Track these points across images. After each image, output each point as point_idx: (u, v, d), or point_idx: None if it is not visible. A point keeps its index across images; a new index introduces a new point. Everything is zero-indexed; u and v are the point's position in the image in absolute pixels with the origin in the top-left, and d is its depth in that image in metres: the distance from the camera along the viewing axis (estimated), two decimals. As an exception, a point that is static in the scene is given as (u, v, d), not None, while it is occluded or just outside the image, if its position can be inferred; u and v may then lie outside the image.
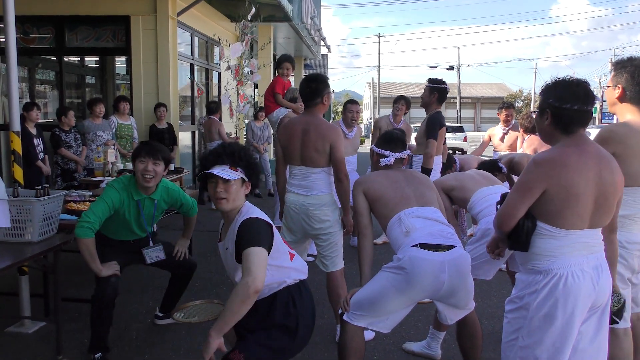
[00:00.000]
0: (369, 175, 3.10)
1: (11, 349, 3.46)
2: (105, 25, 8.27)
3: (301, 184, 3.53)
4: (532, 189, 2.16)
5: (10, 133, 3.74)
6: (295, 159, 3.56)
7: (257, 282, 2.17)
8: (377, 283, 2.71)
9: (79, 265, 5.12)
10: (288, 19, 10.94)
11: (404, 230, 2.67)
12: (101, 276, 3.24)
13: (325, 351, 3.52)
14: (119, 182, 3.42)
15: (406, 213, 2.75)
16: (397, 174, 3.00)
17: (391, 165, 3.06)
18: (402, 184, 2.92)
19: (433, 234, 2.65)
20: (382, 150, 3.08)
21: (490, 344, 3.64)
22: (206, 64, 10.40)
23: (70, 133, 6.65)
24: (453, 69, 46.54)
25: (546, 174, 2.13)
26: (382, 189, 2.90)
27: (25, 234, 3.26)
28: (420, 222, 2.69)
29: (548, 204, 2.15)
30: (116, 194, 3.34)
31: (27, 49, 8.35)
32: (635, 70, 2.64)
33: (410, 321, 3.93)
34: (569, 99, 2.15)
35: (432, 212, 2.81)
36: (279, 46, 14.63)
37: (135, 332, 3.74)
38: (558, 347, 2.16)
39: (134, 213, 3.44)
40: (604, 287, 2.19)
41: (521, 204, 2.19)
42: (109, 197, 3.31)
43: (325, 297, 4.48)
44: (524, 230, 2.19)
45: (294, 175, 3.59)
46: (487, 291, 4.62)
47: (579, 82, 2.21)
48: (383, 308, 2.68)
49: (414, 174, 3.10)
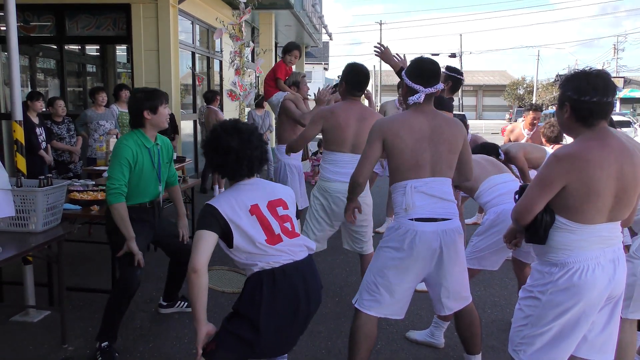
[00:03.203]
0: (393, 122, 2.73)
1: (16, 338, 3.48)
2: (106, 14, 8.23)
3: (350, 171, 3.22)
4: (552, 183, 2.13)
5: (13, 123, 3.73)
6: (345, 146, 3.58)
7: (194, 263, 2.19)
8: (377, 263, 2.75)
9: (83, 255, 5.15)
10: (289, 7, 10.88)
11: (403, 206, 2.65)
12: (131, 244, 3.15)
13: (328, 340, 3.53)
14: (128, 138, 3.26)
15: (413, 186, 2.64)
16: (424, 127, 2.66)
17: (420, 104, 2.72)
18: (424, 145, 2.65)
19: (432, 211, 2.65)
20: (412, 84, 2.70)
21: (493, 332, 3.65)
22: (207, 53, 10.35)
23: (62, 124, 6.51)
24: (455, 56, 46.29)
25: (567, 170, 2.09)
26: (401, 147, 2.65)
27: (29, 224, 3.26)
28: (422, 200, 2.64)
29: (568, 199, 2.12)
30: (128, 149, 3.20)
31: (27, 37, 8.32)
32: None
33: (413, 310, 3.94)
34: (587, 91, 2.10)
35: (441, 185, 2.68)
36: (281, 34, 14.56)
37: (139, 321, 3.75)
38: (565, 337, 2.17)
39: (149, 164, 3.32)
40: (620, 280, 2.19)
41: (540, 198, 2.16)
42: (122, 156, 3.17)
43: (328, 285, 4.50)
44: (542, 225, 2.18)
45: (340, 162, 3.59)
46: (490, 280, 4.63)
47: (598, 72, 2.15)
48: (386, 287, 2.69)
49: (442, 127, 2.70)
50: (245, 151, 2.34)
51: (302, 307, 2.35)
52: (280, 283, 2.29)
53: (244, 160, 2.35)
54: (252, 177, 2.45)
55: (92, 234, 5.75)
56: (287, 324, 2.33)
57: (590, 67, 2.23)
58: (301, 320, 2.39)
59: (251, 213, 2.32)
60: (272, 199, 2.41)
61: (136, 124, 3.31)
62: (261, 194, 2.40)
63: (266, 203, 2.38)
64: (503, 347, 3.35)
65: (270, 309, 2.27)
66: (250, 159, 2.37)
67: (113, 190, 3.14)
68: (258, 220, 2.33)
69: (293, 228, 2.44)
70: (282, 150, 5.15)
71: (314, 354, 3.35)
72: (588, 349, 2.26)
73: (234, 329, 2.31)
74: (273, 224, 2.35)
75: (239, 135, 2.35)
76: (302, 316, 2.38)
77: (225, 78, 9.63)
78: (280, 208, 2.42)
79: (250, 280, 2.33)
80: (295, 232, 2.43)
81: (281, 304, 2.29)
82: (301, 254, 2.41)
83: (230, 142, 2.33)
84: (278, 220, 2.38)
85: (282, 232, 2.37)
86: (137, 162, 3.24)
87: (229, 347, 2.30)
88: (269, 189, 2.46)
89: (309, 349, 3.40)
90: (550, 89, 41.26)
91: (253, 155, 2.37)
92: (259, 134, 2.45)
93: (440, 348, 3.43)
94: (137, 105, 3.26)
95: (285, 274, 2.31)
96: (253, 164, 2.39)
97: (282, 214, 2.41)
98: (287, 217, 2.43)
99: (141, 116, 3.25)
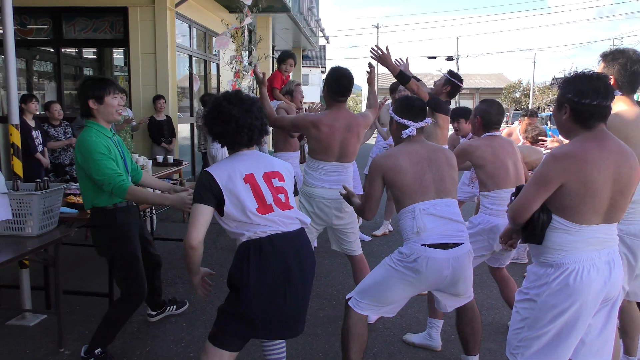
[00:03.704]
0: (389, 157, 2.81)
1: (13, 342, 3.47)
2: (103, 17, 8.23)
3: (334, 178, 3.56)
4: (549, 182, 2.14)
5: (9, 126, 3.72)
6: (332, 155, 3.56)
7: (190, 239, 2.23)
8: (383, 277, 2.74)
9: (79, 258, 5.14)
10: (287, 10, 10.89)
11: (415, 230, 2.65)
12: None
13: (325, 343, 3.53)
14: (88, 132, 3.01)
15: (421, 208, 2.66)
16: (420, 151, 2.78)
17: (413, 137, 2.85)
18: (424, 166, 2.74)
19: (443, 234, 2.66)
20: (404, 120, 2.85)
21: (491, 335, 3.66)
22: (204, 56, 10.36)
23: (59, 127, 6.56)
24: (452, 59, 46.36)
25: (564, 169, 2.11)
26: (402, 175, 2.72)
27: (26, 228, 3.25)
28: (432, 222, 2.65)
29: (564, 199, 2.14)
30: (97, 142, 2.96)
31: (24, 40, 8.31)
32: (627, 62, 2.67)
33: (410, 312, 3.95)
34: (589, 94, 2.11)
35: (448, 206, 2.72)
36: (278, 37, 14.57)
37: (136, 325, 3.74)
38: (562, 340, 2.17)
39: (118, 153, 3.13)
40: (616, 282, 2.19)
41: (537, 196, 2.18)
42: (96, 151, 2.93)
43: (325, 288, 4.51)
44: (539, 224, 2.19)
45: (325, 171, 3.58)
46: (487, 282, 4.64)
47: (599, 76, 2.17)
48: (388, 299, 2.73)
49: (437, 151, 2.85)
50: (245, 120, 2.35)
51: (295, 275, 2.33)
52: (268, 252, 2.29)
53: (244, 129, 2.36)
54: (251, 147, 2.47)
55: (88, 237, 5.74)
56: (280, 294, 2.30)
57: (590, 69, 2.24)
58: (298, 290, 2.35)
59: (245, 181, 2.33)
60: (268, 171, 2.41)
61: (85, 114, 3.11)
62: (257, 164, 2.41)
63: (262, 173, 2.38)
64: (501, 350, 3.36)
65: (259, 277, 2.27)
66: (251, 127, 2.37)
67: (116, 180, 2.93)
68: (251, 188, 2.33)
69: (287, 200, 2.42)
70: (279, 157, 5.16)
71: (311, 357, 3.35)
72: (586, 353, 2.26)
73: (228, 309, 2.35)
74: (266, 194, 2.35)
75: (241, 105, 2.36)
76: (297, 284, 2.34)
77: (223, 81, 9.63)
78: (276, 180, 2.41)
79: (239, 250, 2.36)
80: (289, 205, 2.42)
81: (270, 273, 2.29)
82: (292, 226, 2.39)
83: (231, 110, 2.34)
84: (272, 191, 2.37)
85: (274, 203, 2.36)
86: (111, 151, 3.03)
87: (228, 329, 2.35)
88: (266, 161, 2.46)
89: (306, 352, 3.40)
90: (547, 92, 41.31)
91: (253, 125, 2.37)
92: (259, 105, 2.46)
93: (438, 351, 3.43)
94: (82, 94, 3.05)
95: (272, 243, 2.31)
96: (253, 134, 2.40)
97: (277, 185, 2.41)
98: (282, 189, 2.42)
99: (87, 105, 3.04)
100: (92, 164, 2.93)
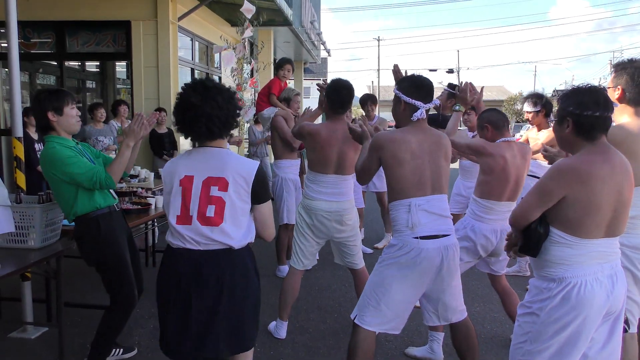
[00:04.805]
0: (391, 140, 2.70)
1: (14, 355, 3.46)
2: (106, 30, 8.29)
3: (333, 191, 3.57)
4: (550, 193, 2.15)
5: (13, 139, 3.74)
6: (330, 167, 3.57)
7: None
8: (378, 280, 2.75)
9: (81, 271, 5.13)
10: (288, 23, 10.96)
11: (409, 224, 2.67)
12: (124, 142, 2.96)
13: (327, 356, 3.51)
14: (51, 145, 2.98)
15: (417, 204, 2.66)
16: (423, 144, 2.70)
17: (419, 120, 2.74)
18: (424, 161, 2.68)
19: (434, 228, 2.70)
20: (413, 101, 2.70)
21: (493, 348, 3.64)
22: (206, 69, 10.42)
23: None
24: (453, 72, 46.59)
25: (568, 182, 2.12)
26: (401, 166, 2.66)
27: (28, 240, 3.26)
28: (426, 218, 2.68)
29: (568, 211, 2.14)
30: (61, 149, 2.95)
31: (28, 54, 8.37)
32: (635, 72, 2.68)
33: (412, 326, 3.94)
34: (590, 106, 2.14)
35: (440, 202, 2.74)
36: (279, 50, 14.65)
37: (137, 337, 3.74)
38: (565, 354, 2.16)
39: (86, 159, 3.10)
40: (619, 295, 2.19)
41: (537, 206, 2.19)
42: (64, 155, 2.92)
43: (327, 301, 4.50)
44: (535, 237, 2.20)
45: (324, 183, 3.58)
46: (489, 295, 4.62)
47: (597, 89, 2.21)
48: (388, 303, 2.70)
49: (438, 143, 2.76)
50: (204, 109, 2.21)
51: (184, 297, 2.24)
52: (166, 264, 2.33)
53: (201, 118, 2.22)
54: (214, 139, 2.32)
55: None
56: (172, 308, 2.29)
57: (588, 83, 2.28)
58: (189, 314, 2.23)
59: (180, 184, 2.26)
60: (213, 175, 2.24)
61: (45, 128, 3.06)
62: (205, 166, 2.26)
63: (204, 177, 2.24)
64: (502, 363, 3.34)
65: (159, 284, 2.34)
66: (210, 117, 2.22)
67: (98, 176, 2.91)
68: (182, 193, 2.26)
69: (218, 214, 2.22)
70: (279, 165, 5.18)
71: (313, 371, 3.34)
72: None
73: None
74: (193, 203, 2.24)
75: (204, 93, 2.23)
76: (188, 309, 2.23)
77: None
78: (216, 188, 2.23)
79: None
80: (217, 220, 2.22)
81: (164, 284, 2.32)
82: (208, 246, 2.23)
83: (191, 97, 2.22)
84: (203, 201, 2.22)
85: (197, 216, 2.23)
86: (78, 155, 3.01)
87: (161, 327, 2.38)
88: (218, 164, 2.26)
89: (308, 366, 3.39)
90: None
91: (213, 114, 2.22)
92: (230, 95, 2.30)
93: (440, 363, 3.42)
94: (40, 107, 3.01)
95: (172, 255, 2.30)
96: (213, 124, 2.24)
97: (214, 194, 2.23)
98: (219, 199, 2.23)
99: (46, 118, 3.00)
100: (67, 167, 2.91)
